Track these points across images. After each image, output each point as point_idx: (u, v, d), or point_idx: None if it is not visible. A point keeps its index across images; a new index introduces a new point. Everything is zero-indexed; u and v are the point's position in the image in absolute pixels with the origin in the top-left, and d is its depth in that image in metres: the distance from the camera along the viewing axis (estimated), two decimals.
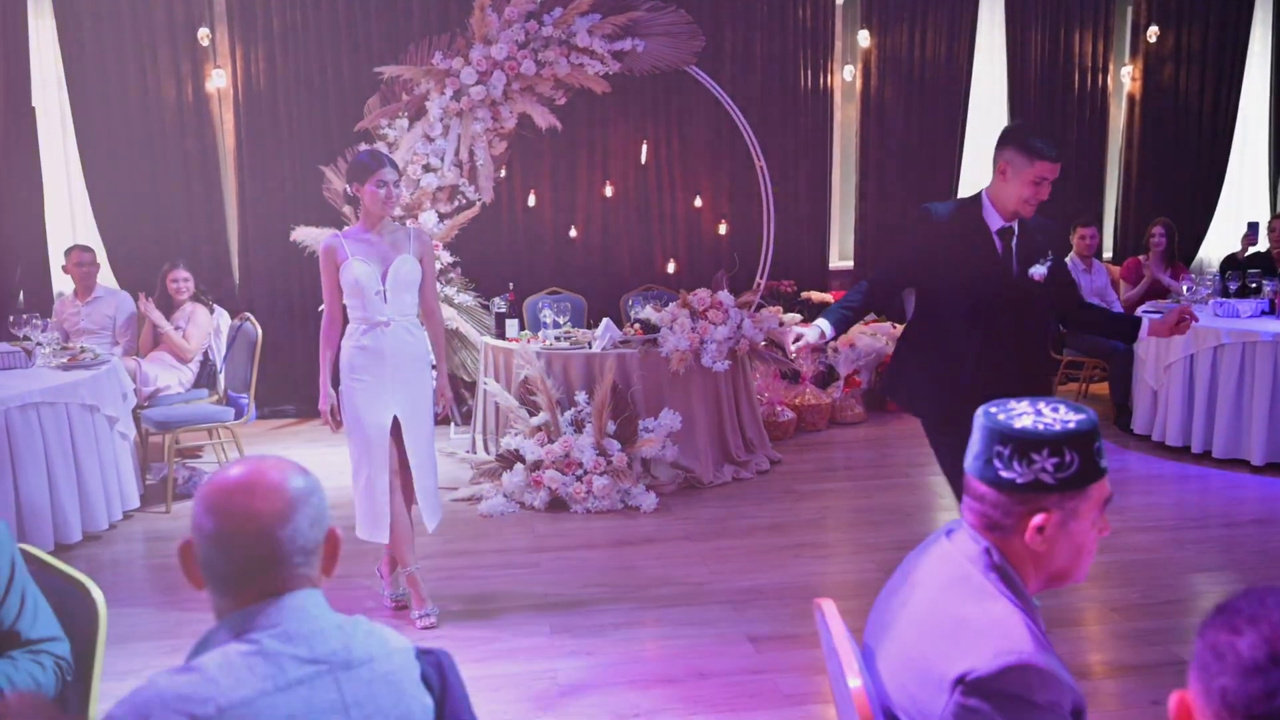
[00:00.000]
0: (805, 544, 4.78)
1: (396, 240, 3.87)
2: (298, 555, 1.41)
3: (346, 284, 3.80)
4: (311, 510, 1.44)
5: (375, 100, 6.64)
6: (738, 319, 5.72)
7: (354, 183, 3.79)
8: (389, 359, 3.83)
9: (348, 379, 3.87)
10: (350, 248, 3.80)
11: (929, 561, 1.71)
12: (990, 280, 3.30)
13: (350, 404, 3.85)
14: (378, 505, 3.87)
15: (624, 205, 7.45)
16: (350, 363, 3.85)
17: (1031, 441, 1.56)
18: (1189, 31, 8.02)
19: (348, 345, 3.87)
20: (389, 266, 3.80)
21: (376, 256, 3.80)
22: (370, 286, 3.77)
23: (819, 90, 7.62)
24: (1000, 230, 3.31)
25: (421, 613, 3.94)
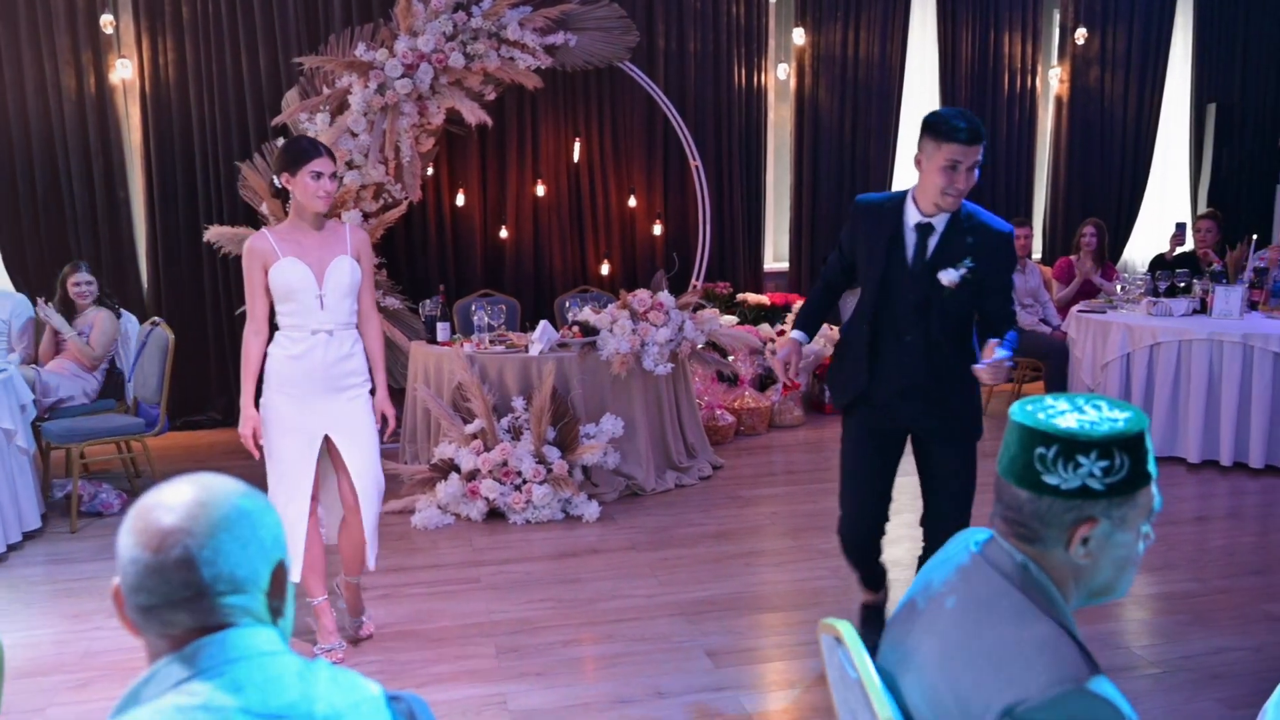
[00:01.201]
0: (755, 551, 4.62)
1: (332, 238, 3.47)
2: (223, 583, 1.18)
3: (277, 288, 3.38)
4: (244, 533, 1.21)
5: (294, 93, 6.31)
6: (679, 320, 5.54)
7: (284, 172, 3.36)
8: (324, 372, 3.44)
9: (273, 393, 3.45)
10: (281, 247, 3.38)
11: (956, 579, 1.53)
12: (893, 276, 3.11)
13: (273, 421, 3.45)
14: (294, 538, 3.47)
15: (556, 205, 7.23)
16: (278, 375, 3.44)
17: (1079, 443, 1.40)
18: (1114, 34, 8.12)
19: (276, 355, 3.45)
20: (326, 268, 3.41)
21: (311, 257, 3.39)
22: (305, 290, 3.38)
23: (753, 89, 7.51)
24: (918, 225, 3.08)
25: (326, 647, 3.57)
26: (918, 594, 1.60)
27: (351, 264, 3.47)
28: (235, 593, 1.20)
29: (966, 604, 1.48)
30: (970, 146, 2.91)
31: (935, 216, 3.06)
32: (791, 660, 3.56)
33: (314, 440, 3.47)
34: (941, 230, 3.06)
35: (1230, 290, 6.01)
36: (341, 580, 3.76)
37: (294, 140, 3.46)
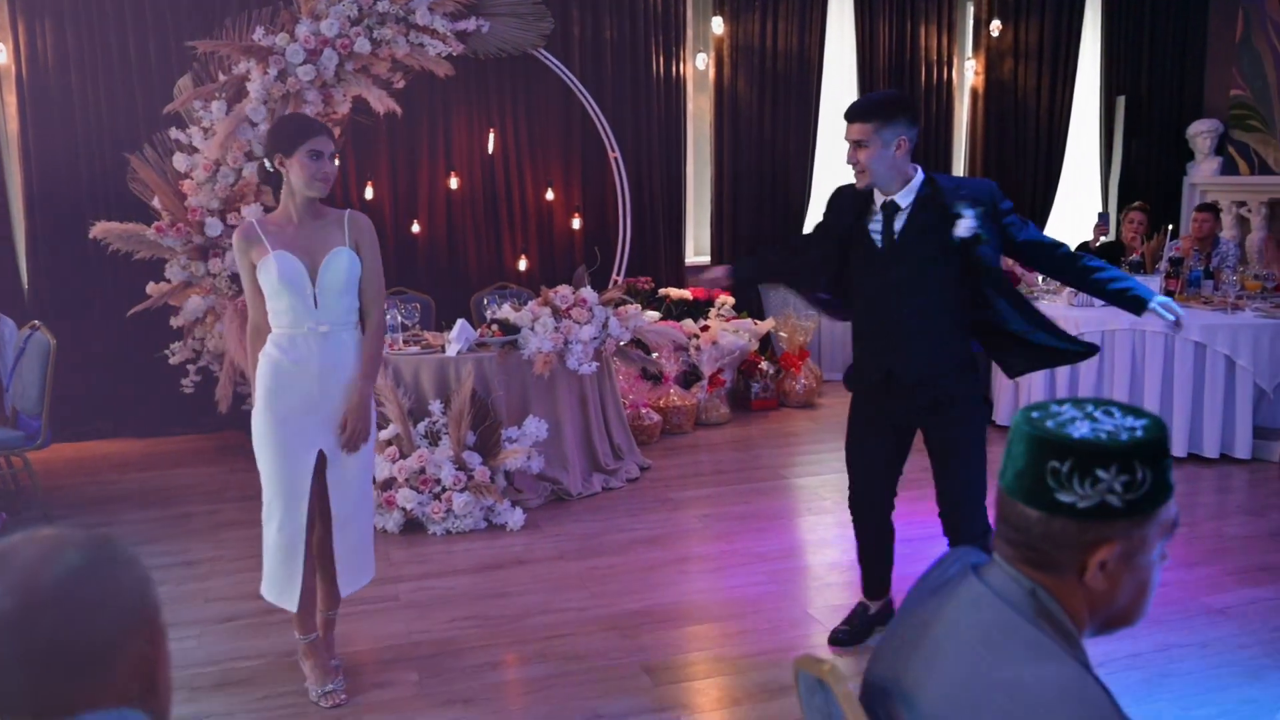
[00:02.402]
0: (690, 557, 4.44)
1: (327, 228, 3.08)
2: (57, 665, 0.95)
3: (267, 284, 3.03)
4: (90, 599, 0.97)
5: (187, 80, 5.91)
6: (603, 317, 5.33)
7: (278, 153, 3.00)
8: (319, 378, 3.08)
9: (265, 402, 3.08)
10: (271, 239, 3.02)
11: (955, 608, 1.36)
12: (874, 258, 3.23)
13: (265, 435, 3.09)
14: (291, 563, 3.12)
15: (471, 198, 6.95)
16: (270, 382, 3.07)
17: (1098, 455, 1.23)
18: (1026, 26, 8.15)
19: (265, 360, 3.09)
20: (320, 261, 3.04)
21: (304, 249, 3.03)
22: (298, 287, 3.02)
23: (671, 78, 7.33)
24: (884, 205, 3.20)
25: (326, 689, 3.21)
26: (910, 625, 1.42)
27: (350, 256, 3.08)
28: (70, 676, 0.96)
29: (972, 639, 1.30)
30: (850, 124, 3.12)
31: (898, 195, 3.15)
32: (734, 675, 3.38)
33: (311, 454, 3.11)
34: (909, 205, 3.15)
35: (1149, 280, 6.03)
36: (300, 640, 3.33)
37: (288, 118, 3.12)
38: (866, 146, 3.09)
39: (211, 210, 5.78)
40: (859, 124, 3.09)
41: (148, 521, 4.94)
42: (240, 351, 5.64)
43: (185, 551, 4.53)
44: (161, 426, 6.47)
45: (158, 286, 5.91)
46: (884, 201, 3.17)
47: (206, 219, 5.74)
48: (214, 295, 5.84)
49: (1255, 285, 6.21)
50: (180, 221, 5.75)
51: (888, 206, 3.17)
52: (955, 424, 3.26)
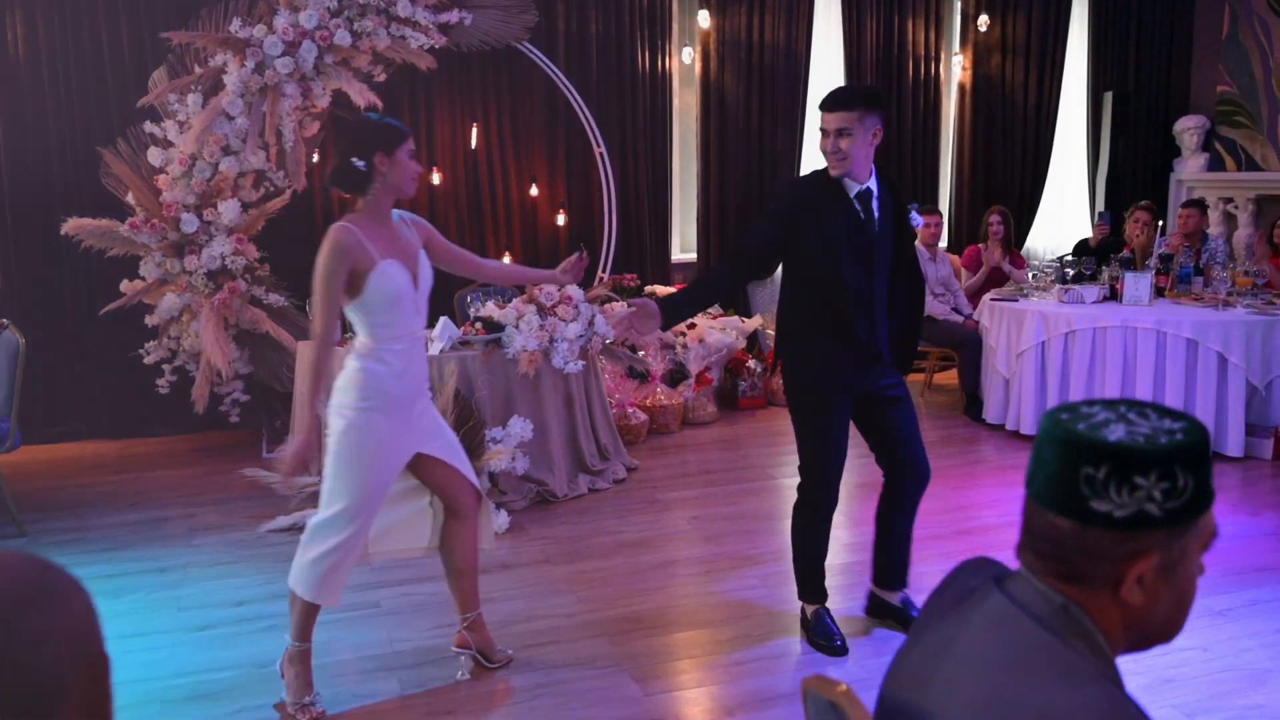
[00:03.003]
0: (679, 560, 4.34)
1: (402, 231, 3.03)
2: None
3: (380, 296, 2.88)
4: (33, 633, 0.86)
5: (161, 72, 5.76)
6: (589, 315, 5.23)
7: (378, 152, 2.87)
8: (418, 385, 3.09)
9: (373, 412, 2.94)
10: (375, 247, 2.88)
11: (979, 625, 1.26)
12: (859, 245, 3.30)
13: (368, 441, 2.95)
14: (347, 565, 3.04)
15: (454, 194, 6.82)
16: (382, 392, 2.95)
17: (1135, 460, 1.13)
18: (1014, 21, 8.09)
19: (368, 373, 2.93)
20: (416, 267, 3.00)
21: (402, 255, 2.95)
22: (407, 294, 2.95)
23: (657, 73, 7.22)
24: (859, 194, 3.30)
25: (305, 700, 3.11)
26: (929, 641, 1.32)
27: (425, 257, 3.09)
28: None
29: (999, 659, 1.20)
30: (827, 113, 3.21)
31: (868, 182, 3.30)
32: (727, 684, 3.29)
33: (400, 465, 3.10)
34: (878, 194, 3.32)
35: (1139, 277, 5.98)
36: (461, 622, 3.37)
37: (380, 117, 3.04)
38: (850, 135, 3.19)
39: (187, 206, 5.64)
40: (843, 112, 3.19)
41: (120, 526, 4.80)
42: (216, 350, 5.51)
43: (158, 557, 4.40)
44: (136, 428, 6.32)
45: (132, 284, 5.77)
46: (860, 190, 3.29)
47: (182, 215, 5.60)
48: (190, 293, 5.70)
49: (1246, 282, 6.16)
50: (155, 218, 5.61)
51: (864, 195, 3.30)
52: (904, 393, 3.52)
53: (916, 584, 4.10)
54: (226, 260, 5.64)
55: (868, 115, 3.20)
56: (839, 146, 3.19)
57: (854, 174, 3.26)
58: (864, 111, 3.19)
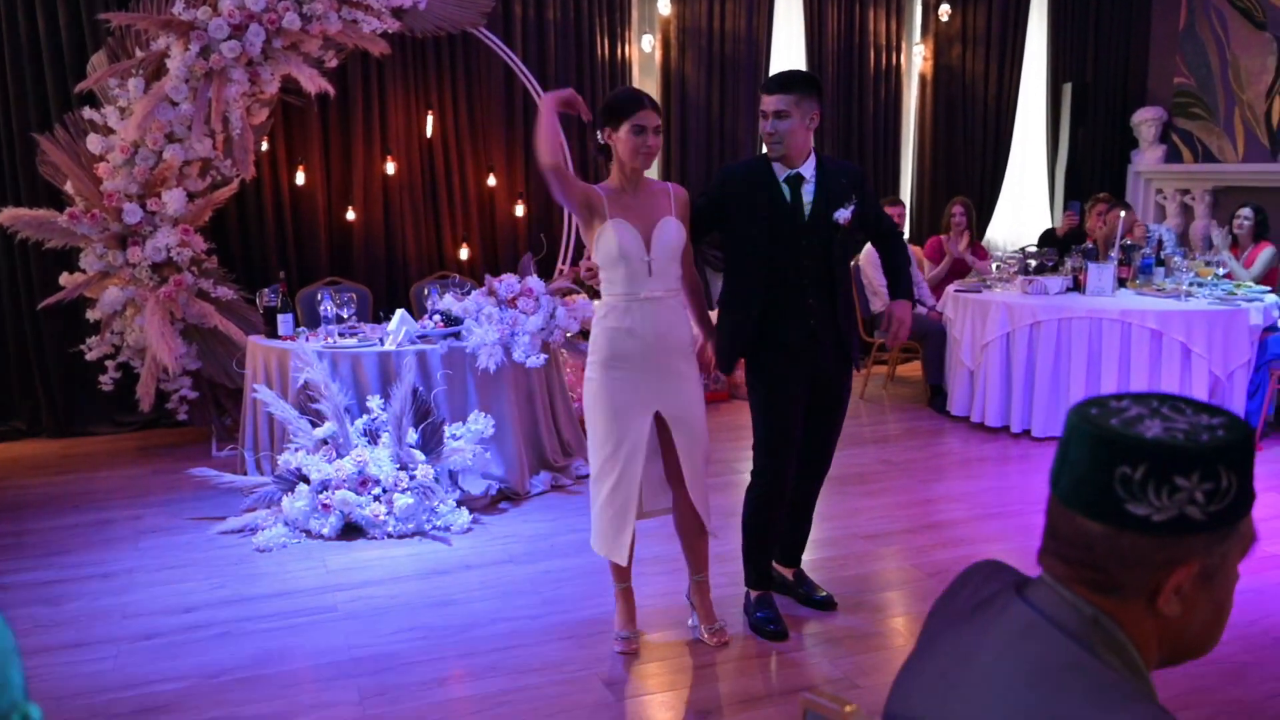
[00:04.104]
0: (644, 559, 4.20)
1: (655, 199, 3.20)
2: None
3: (604, 253, 3.12)
4: None
5: (101, 56, 5.52)
6: (550, 307, 5.09)
7: (606, 127, 3.14)
8: (655, 345, 3.17)
9: (601, 369, 3.18)
10: (609, 206, 3.12)
11: (1000, 638, 1.15)
12: (783, 227, 3.31)
13: (603, 399, 3.17)
14: (624, 519, 3.21)
15: (409, 183, 6.64)
16: (609, 348, 3.16)
17: (1177, 459, 1.03)
18: (974, 11, 8.07)
19: (600, 328, 3.19)
20: (653, 230, 3.14)
21: (638, 217, 3.14)
22: (635, 255, 3.10)
23: (617, 60, 7.10)
24: (788, 178, 3.32)
25: (712, 628, 3.42)
26: (943, 657, 1.22)
27: (677, 226, 3.21)
28: None
29: (1026, 677, 1.09)
30: (769, 95, 3.25)
31: (801, 167, 3.31)
32: (699, 687, 3.18)
33: (646, 418, 3.20)
34: (813, 178, 3.32)
35: (1103, 267, 5.97)
36: (691, 583, 3.52)
37: (616, 92, 3.29)
38: (786, 116, 3.24)
39: (130, 195, 5.41)
40: (781, 95, 3.24)
41: (63, 529, 4.59)
42: (162, 345, 5.30)
43: (102, 562, 4.20)
44: (79, 426, 6.09)
45: (72, 277, 5.54)
46: (789, 174, 3.31)
47: (125, 205, 5.37)
48: (134, 286, 5.48)
49: (1207, 272, 6.18)
50: (95, 208, 5.38)
51: (793, 179, 3.31)
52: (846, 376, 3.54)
53: (892, 583, 4.03)
54: (172, 252, 5.43)
55: (805, 99, 3.25)
56: (776, 128, 3.25)
57: (788, 157, 3.30)
58: (801, 95, 3.24)
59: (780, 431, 3.44)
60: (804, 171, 3.31)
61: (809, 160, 3.33)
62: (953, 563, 4.13)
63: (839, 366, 3.48)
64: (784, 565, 3.82)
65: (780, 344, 3.39)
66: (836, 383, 3.50)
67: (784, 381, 3.41)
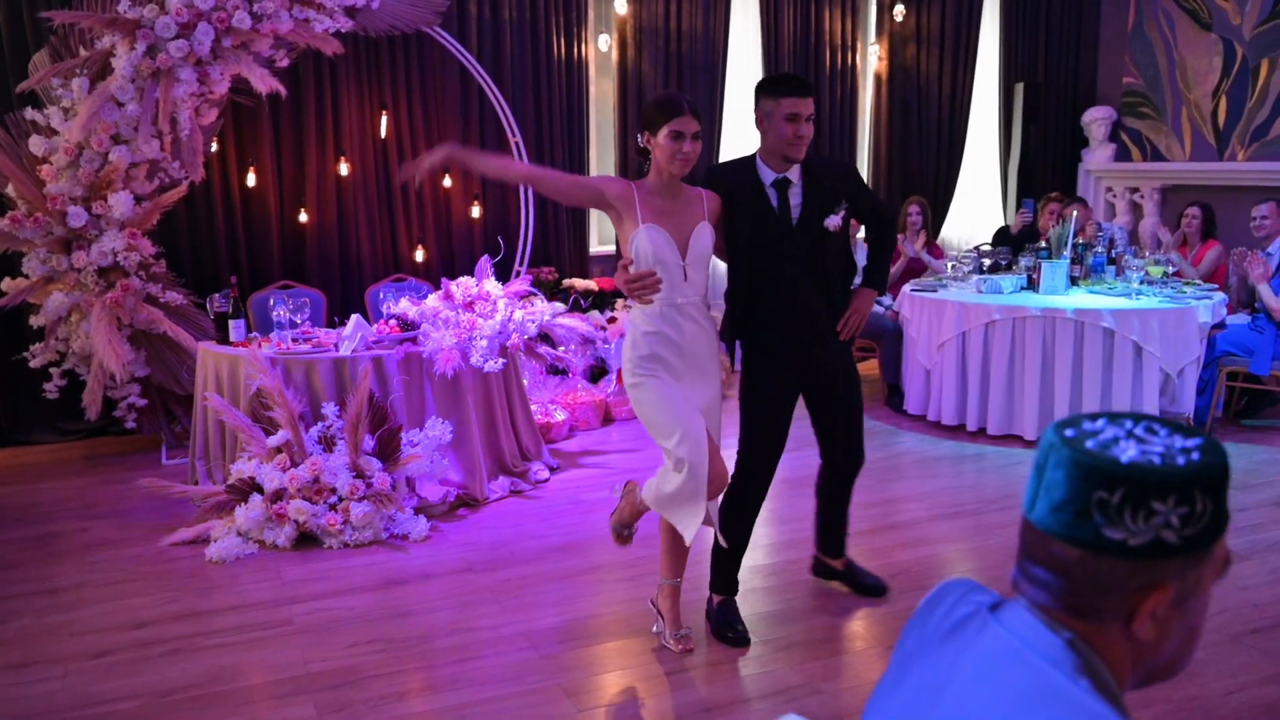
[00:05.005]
0: (606, 564, 4.19)
1: (690, 205, 3.20)
2: None
3: (638, 255, 3.11)
4: None
5: (43, 55, 5.38)
6: (508, 311, 5.04)
7: (645, 130, 3.12)
8: (687, 349, 3.19)
9: (640, 373, 3.17)
10: (643, 210, 3.11)
11: (976, 662, 1.14)
12: (771, 232, 3.31)
13: (656, 388, 3.15)
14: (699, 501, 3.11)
15: (362, 185, 6.54)
16: (648, 352, 3.15)
17: (1153, 485, 1.03)
18: (928, 12, 8.12)
19: (638, 330, 3.17)
20: (688, 236, 3.14)
21: (674, 224, 3.14)
22: (671, 261, 3.11)
23: (573, 60, 7.05)
24: (775, 183, 3.31)
25: (678, 634, 3.42)
26: (917, 681, 1.20)
27: (711, 232, 3.22)
28: None
29: (1003, 703, 1.08)
30: (802, 98, 3.21)
31: (788, 171, 3.29)
32: (663, 695, 3.16)
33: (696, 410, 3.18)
34: (800, 183, 3.31)
35: (1055, 266, 6.04)
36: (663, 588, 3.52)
37: (657, 96, 3.27)
38: (810, 119, 3.23)
39: (74, 198, 5.27)
40: (811, 97, 3.24)
41: (6, 543, 4.46)
42: (109, 352, 5.17)
43: (49, 578, 4.09)
44: (23, 435, 5.93)
45: (14, 283, 5.39)
46: (777, 179, 3.30)
47: (69, 208, 5.23)
48: (79, 291, 5.34)
49: (1157, 270, 6.26)
50: (38, 211, 5.23)
51: (780, 184, 3.30)
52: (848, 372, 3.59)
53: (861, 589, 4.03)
54: (118, 256, 5.30)
55: None
56: (809, 132, 3.24)
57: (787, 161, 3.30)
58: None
59: (760, 435, 3.45)
60: (790, 176, 3.30)
61: (794, 166, 3.32)
62: (913, 563, 4.16)
63: (836, 355, 3.49)
64: (831, 557, 3.87)
65: (764, 347, 3.42)
66: (836, 368, 3.51)
67: (767, 384, 3.43)
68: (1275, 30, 7.47)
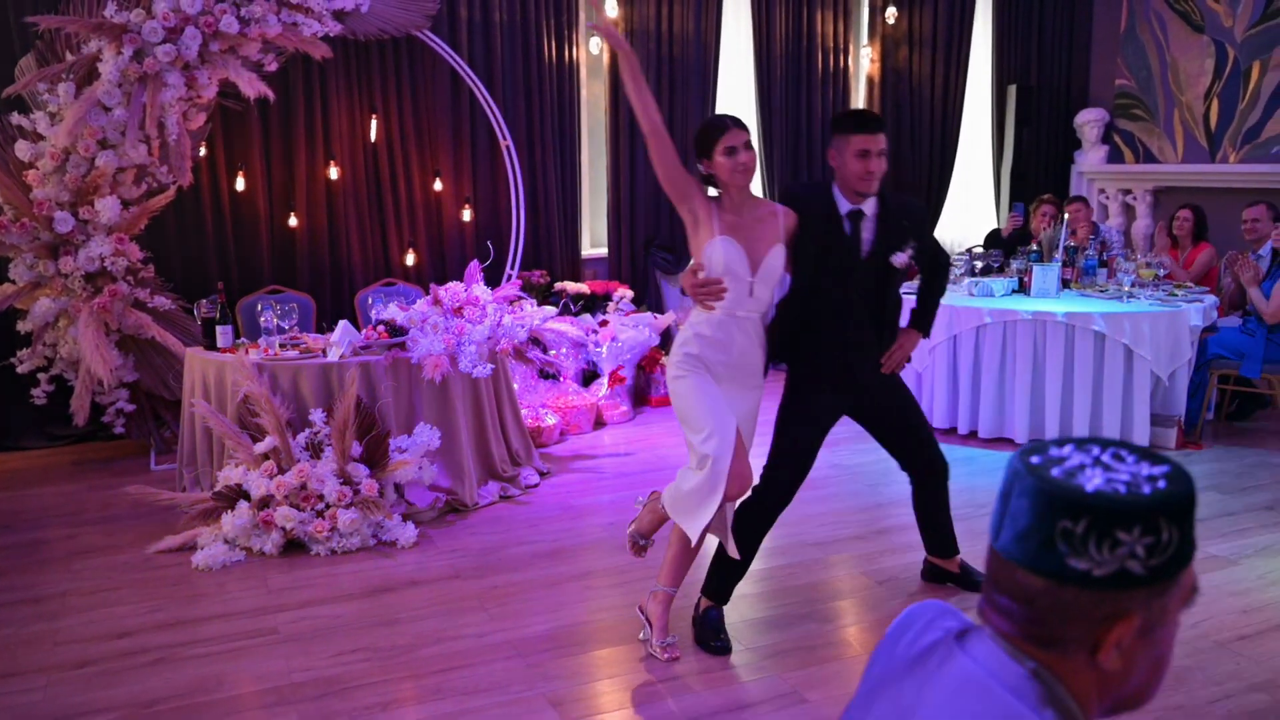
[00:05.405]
0: (595, 571, 4.18)
1: (764, 222, 3.24)
2: None
3: (710, 267, 3.16)
4: None
5: (30, 60, 5.36)
6: (497, 316, 5.03)
7: (701, 159, 3.19)
8: (738, 360, 3.25)
9: (685, 367, 3.23)
10: (719, 223, 3.17)
11: (941, 692, 1.13)
12: (839, 261, 3.37)
13: (697, 387, 3.20)
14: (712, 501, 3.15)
15: (353, 189, 6.52)
16: (697, 351, 3.22)
17: (1118, 514, 1.01)
18: (920, 14, 8.11)
19: (694, 332, 3.23)
20: (762, 256, 3.19)
21: (748, 239, 3.19)
22: (741, 276, 3.16)
23: (564, 63, 7.03)
24: (849, 214, 3.37)
25: (665, 642, 3.41)
26: (882, 709, 1.19)
27: (784, 253, 3.26)
28: None
29: None
30: (873, 135, 3.27)
31: (863, 204, 3.35)
32: (648, 704, 3.15)
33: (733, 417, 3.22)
34: (873, 215, 3.37)
35: (1047, 269, 6.03)
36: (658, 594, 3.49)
37: (701, 124, 3.29)
38: (882, 155, 3.32)
39: (61, 203, 5.26)
40: (882, 133, 3.31)
41: None
42: (97, 357, 5.15)
43: (33, 586, 4.07)
44: (10, 441, 5.90)
45: (1, 288, 5.37)
46: (852, 209, 3.36)
47: (56, 213, 5.22)
48: (66, 297, 5.32)
49: (1149, 273, 6.25)
50: (25, 216, 5.22)
51: (855, 214, 3.36)
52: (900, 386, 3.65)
53: (842, 592, 4.03)
54: (106, 261, 5.28)
55: None
56: (881, 166, 3.31)
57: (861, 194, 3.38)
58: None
59: (791, 453, 3.48)
60: (865, 209, 3.36)
61: (869, 199, 3.38)
62: (902, 569, 4.15)
63: (877, 377, 3.55)
64: (944, 558, 3.95)
65: (810, 367, 3.48)
66: (878, 385, 3.57)
67: (807, 403, 3.49)
68: (1267, 33, 7.46)
